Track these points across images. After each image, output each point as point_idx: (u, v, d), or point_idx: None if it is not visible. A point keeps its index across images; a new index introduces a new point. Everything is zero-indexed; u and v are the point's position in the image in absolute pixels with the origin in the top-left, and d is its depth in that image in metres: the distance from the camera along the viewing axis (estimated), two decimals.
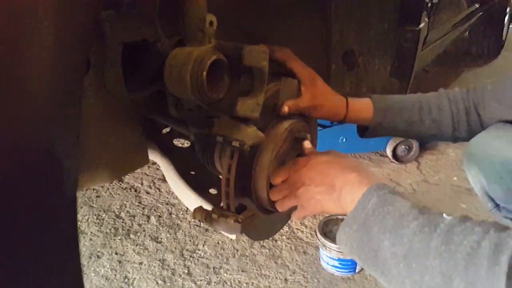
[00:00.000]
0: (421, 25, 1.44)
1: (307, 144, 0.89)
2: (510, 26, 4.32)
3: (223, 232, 0.90)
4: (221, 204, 0.84)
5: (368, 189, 0.70)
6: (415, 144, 2.15)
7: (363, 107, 1.02)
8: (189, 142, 1.17)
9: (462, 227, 0.59)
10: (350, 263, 1.45)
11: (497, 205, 1.09)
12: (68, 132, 0.51)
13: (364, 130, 1.06)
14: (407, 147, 2.15)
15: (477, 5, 3.00)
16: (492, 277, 0.52)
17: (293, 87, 0.93)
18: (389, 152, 2.15)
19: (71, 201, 0.53)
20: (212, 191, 1.08)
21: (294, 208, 1.04)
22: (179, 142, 1.27)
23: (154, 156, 1.10)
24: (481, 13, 3.15)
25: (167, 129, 1.14)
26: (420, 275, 0.58)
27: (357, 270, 1.48)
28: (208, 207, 0.89)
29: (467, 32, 3.80)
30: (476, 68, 3.83)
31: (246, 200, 0.87)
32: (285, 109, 0.89)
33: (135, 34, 0.77)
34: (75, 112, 0.53)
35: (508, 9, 3.98)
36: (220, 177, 0.88)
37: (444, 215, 0.62)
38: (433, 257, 0.57)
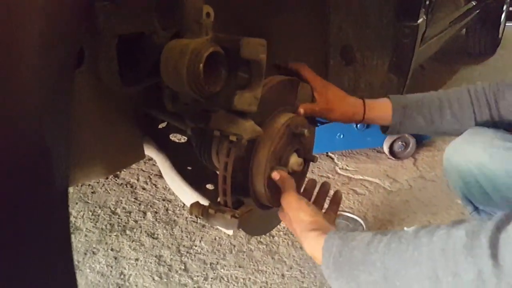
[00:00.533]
0: (420, 21, 1.43)
1: (275, 175, 0.86)
2: (506, 24, 4.32)
3: (220, 228, 0.89)
4: (218, 199, 0.84)
5: (327, 236, 0.71)
6: (411, 141, 2.15)
7: (381, 106, 1.03)
8: (186, 138, 1.16)
9: (426, 230, 0.60)
10: None
11: (476, 208, 1.10)
12: (57, 124, 0.51)
13: (385, 129, 1.07)
14: (404, 144, 2.15)
15: (474, 3, 3.00)
16: (474, 261, 0.52)
17: (308, 91, 0.98)
18: (386, 148, 2.14)
19: (61, 194, 0.52)
20: (209, 186, 1.07)
21: None
22: (176, 138, 1.26)
23: (150, 151, 1.09)
24: (477, 11, 3.15)
25: (163, 124, 1.13)
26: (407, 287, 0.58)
27: None
28: (205, 202, 0.89)
29: (464, 30, 3.80)
30: (472, 65, 3.83)
31: (243, 195, 0.87)
32: (301, 110, 0.93)
33: (131, 27, 0.76)
34: (65, 103, 0.52)
35: (504, 7, 3.98)
36: (217, 172, 0.88)
37: (405, 228, 0.64)
38: (412, 265, 0.58)
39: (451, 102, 1.02)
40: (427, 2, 1.59)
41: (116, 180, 2.09)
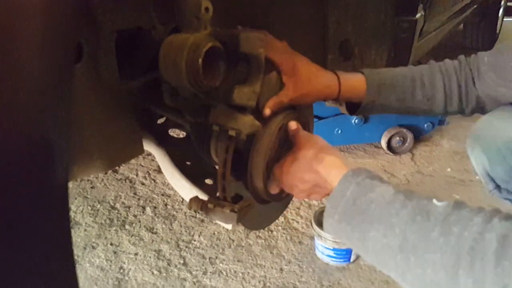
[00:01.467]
0: (418, 15, 1.43)
1: (292, 125, 0.86)
2: (504, 19, 4.32)
3: (219, 222, 0.89)
4: (217, 194, 0.84)
5: (344, 176, 0.68)
6: (409, 136, 2.16)
7: (356, 84, 0.96)
8: (185, 133, 1.16)
9: (458, 215, 0.56)
10: (344, 252, 1.45)
11: (497, 186, 1.08)
12: (58, 117, 0.50)
13: (354, 107, 1.01)
14: (402, 139, 2.15)
15: None
16: (502, 274, 0.49)
17: (272, 83, 0.87)
18: (383, 143, 2.15)
19: (62, 187, 0.52)
20: (208, 181, 1.07)
21: (291, 198, 1.05)
22: (174, 133, 1.26)
23: (149, 147, 1.09)
24: (475, 6, 3.14)
25: (162, 120, 1.13)
26: (421, 269, 0.55)
27: (351, 260, 1.48)
28: (204, 197, 0.89)
29: (462, 25, 3.80)
30: None
31: (242, 189, 0.87)
32: (267, 111, 0.84)
33: (129, 22, 0.75)
34: (65, 96, 0.52)
35: (502, 2, 3.97)
36: (216, 167, 0.88)
37: (434, 200, 0.59)
38: (433, 250, 0.54)
39: (423, 82, 0.98)
40: None
41: (115, 175, 2.10)
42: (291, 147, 0.85)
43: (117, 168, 2.13)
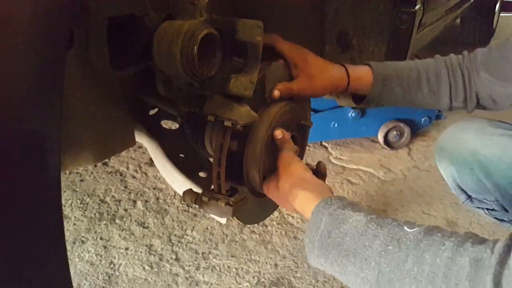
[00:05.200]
0: (417, 7, 1.41)
1: (277, 134, 0.84)
2: (500, 14, 4.32)
3: (213, 216, 0.87)
4: (212, 187, 0.81)
5: (316, 207, 0.68)
6: (406, 130, 2.14)
7: (363, 76, 0.96)
8: (178, 124, 1.13)
9: (429, 241, 0.56)
10: None
11: (469, 197, 1.10)
12: (49, 108, 0.50)
13: (360, 99, 1.01)
14: (399, 133, 2.14)
15: None
16: None
17: (280, 70, 0.87)
18: (380, 138, 2.13)
19: (54, 179, 0.52)
20: (202, 174, 1.05)
21: None
22: (167, 126, 1.23)
23: (140, 138, 1.06)
24: (472, 1, 3.14)
25: (154, 111, 1.10)
26: None
27: None
28: (198, 190, 0.86)
29: (459, 20, 3.79)
30: None
31: (237, 183, 0.84)
32: (276, 93, 0.84)
33: (122, 8, 0.73)
34: (57, 86, 0.51)
35: None
36: (211, 159, 0.85)
37: (405, 227, 0.59)
38: (409, 282, 0.55)
39: (429, 75, 0.98)
40: None
41: (105, 168, 2.06)
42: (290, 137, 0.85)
43: (107, 160, 2.09)
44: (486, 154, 0.97)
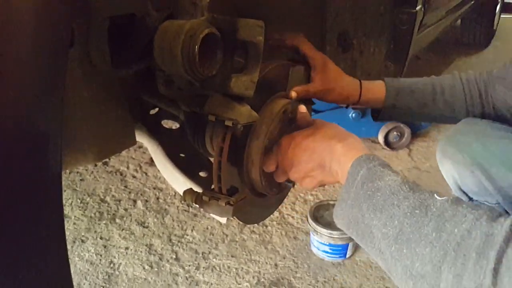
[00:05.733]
0: (418, 8, 1.41)
1: (302, 108, 0.87)
2: (501, 16, 4.32)
3: (213, 216, 0.87)
4: (212, 187, 0.81)
5: (357, 160, 0.69)
6: (407, 131, 2.14)
7: (376, 89, 1.01)
8: (178, 124, 1.13)
9: (453, 212, 0.57)
10: (340, 248, 1.43)
11: (470, 199, 1.10)
12: (52, 105, 0.50)
13: (377, 113, 1.05)
14: (399, 134, 2.13)
15: None
16: (480, 271, 0.51)
17: (300, 74, 0.93)
18: (381, 138, 2.13)
19: (55, 179, 0.52)
20: (202, 174, 1.05)
21: (287, 192, 1.03)
22: (167, 125, 1.23)
23: (141, 138, 1.06)
24: (473, 2, 3.14)
25: (155, 110, 1.10)
26: (410, 261, 0.57)
27: (347, 256, 1.46)
28: (198, 190, 0.86)
29: (459, 21, 3.79)
30: (466, 56, 3.82)
31: (238, 182, 0.84)
32: (294, 94, 0.88)
33: (123, 8, 0.73)
34: (59, 84, 0.51)
35: None
36: (211, 159, 0.85)
37: (436, 195, 0.60)
38: (424, 244, 0.56)
39: (443, 89, 1.02)
40: None
41: (105, 168, 2.06)
42: None
43: (107, 160, 2.09)
44: (488, 157, 0.97)
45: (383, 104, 1.01)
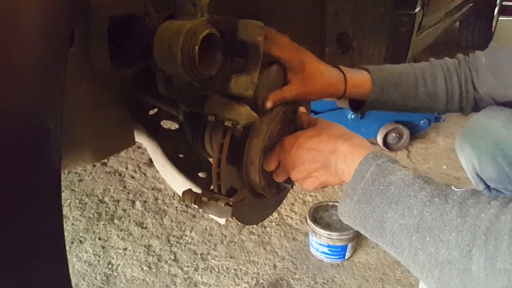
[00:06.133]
0: (417, 10, 1.41)
1: (301, 109, 0.86)
2: (499, 18, 4.33)
3: (212, 216, 0.87)
4: (211, 187, 0.81)
5: (365, 158, 0.68)
6: (405, 132, 2.14)
7: (361, 82, 0.95)
8: (177, 125, 1.13)
9: (476, 199, 0.57)
10: (339, 249, 1.43)
11: (487, 187, 1.09)
12: (52, 102, 0.50)
13: (357, 104, 1.01)
14: (398, 135, 2.14)
15: None
16: None
17: (272, 76, 0.84)
18: (379, 139, 2.13)
19: (55, 179, 0.51)
20: (201, 174, 1.04)
21: (286, 193, 1.02)
22: (166, 126, 1.22)
23: (140, 138, 1.06)
24: (471, 4, 3.15)
25: (154, 111, 1.10)
26: (435, 248, 0.56)
27: (346, 257, 1.46)
28: (197, 190, 0.86)
29: (458, 23, 3.80)
30: None
31: (237, 183, 0.84)
32: (269, 104, 0.80)
33: (123, 8, 0.73)
34: (59, 81, 0.51)
35: (497, 1, 3.98)
36: (210, 160, 0.85)
37: (453, 187, 0.60)
38: (449, 230, 0.56)
39: (425, 80, 0.99)
40: None
41: (104, 168, 2.05)
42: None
43: (106, 160, 2.09)
44: (510, 144, 0.96)
45: (368, 98, 0.96)
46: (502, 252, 0.51)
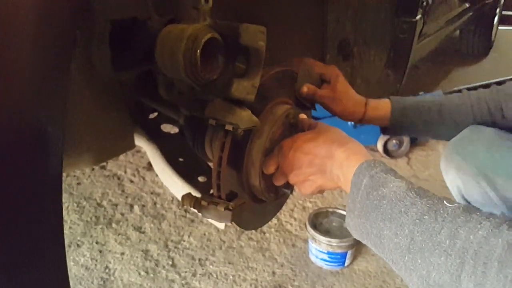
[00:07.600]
0: (418, 17, 1.42)
1: (302, 115, 0.87)
2: (499, 27, 4.35)
3: (211, 221, 0.86)
4: (211, 192, 0.81)
5: (359, 168, 0.68)
6: (406, 140, 2.14)
7: (381, 106, 1.01)
8: (177, 129, 1.13)
9: (467, 218, 0.55)
10: (339, 256, 1.42)
11: None
12: (54, 105, 0.50)
13: (385, 130, 1.06)
14: (398, 142, 2.14)
15: (467, 5, 3.01)
16: (504, 281, 0.49)
17: (312, 72, 0.95)
18: (380, 146, 2.13)
19: (56, 181, 0.52)
20: (201, 179, 1.04)
21: (286, 199, 1.02)
22: (166, 130, 1.22)
23: (140, 142, 1.05)
24: (471, 13, 3.17)
25: (154, 115, 1.10)
26: (426, 271, 0.56)
27: (346, 264, 1.46)
28: (196, 195, 0.85)
29: (458, 32, 3.82)
30: (465, 66, 3.85)
31: (237, 188, 0.84)
32: (305, 89, 0.91)
33: (125, 12, 0.73)
34: (62, 84, 0.51)
35: (497, 11, 4.00)
36: (210, 164, 0.84)
37: (445, 201, 0.59)
38: (438, 254, 0.55)
39: (451, 108, 1.01)
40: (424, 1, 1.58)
41: (102, 172, 2.04)
42: None
43: (105, 164, 2.08)
44: (494, 167, 0.96)
45: (388, 122, 1.01)
46: (491, 279, 0.50)
